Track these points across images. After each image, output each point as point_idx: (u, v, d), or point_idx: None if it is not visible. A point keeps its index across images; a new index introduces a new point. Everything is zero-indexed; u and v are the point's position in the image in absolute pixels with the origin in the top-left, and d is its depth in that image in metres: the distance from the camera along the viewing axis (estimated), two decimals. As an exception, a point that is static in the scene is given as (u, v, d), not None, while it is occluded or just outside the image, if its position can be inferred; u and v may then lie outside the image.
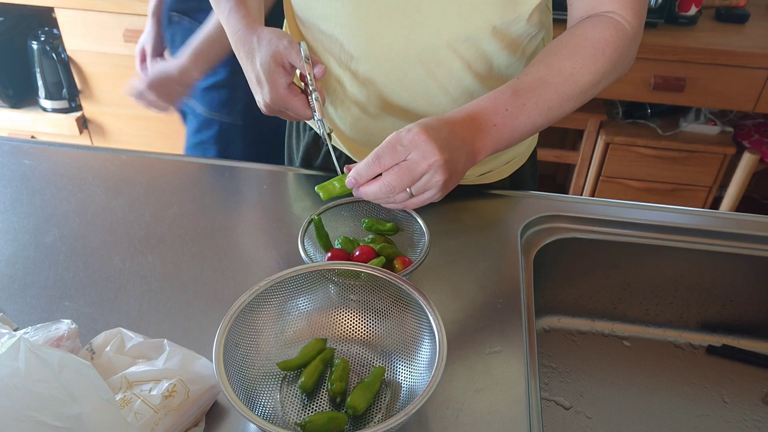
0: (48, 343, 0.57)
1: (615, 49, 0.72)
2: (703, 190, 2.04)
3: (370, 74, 0.81)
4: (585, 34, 0.72)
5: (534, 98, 0.69)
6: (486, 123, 0.67)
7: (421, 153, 0.60)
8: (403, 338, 0.63)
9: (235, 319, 0.59)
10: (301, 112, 0.77)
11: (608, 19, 0.73)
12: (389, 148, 0.61)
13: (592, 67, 0.71)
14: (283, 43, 0.74)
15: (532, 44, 0.81)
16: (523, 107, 0.68)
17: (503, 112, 0.68)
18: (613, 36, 0.72)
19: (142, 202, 0.86)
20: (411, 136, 0.61)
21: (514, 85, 0.70)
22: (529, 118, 0.69)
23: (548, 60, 0.72)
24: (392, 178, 0.61)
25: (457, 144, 0.64)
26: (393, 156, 0.61)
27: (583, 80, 0.71)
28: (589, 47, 0.71)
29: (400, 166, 0.61)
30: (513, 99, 0.68)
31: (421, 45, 0.76)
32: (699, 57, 1.78)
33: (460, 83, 0.80)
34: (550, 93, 0.70)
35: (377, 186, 0.62)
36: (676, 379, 0.87)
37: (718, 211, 0.90)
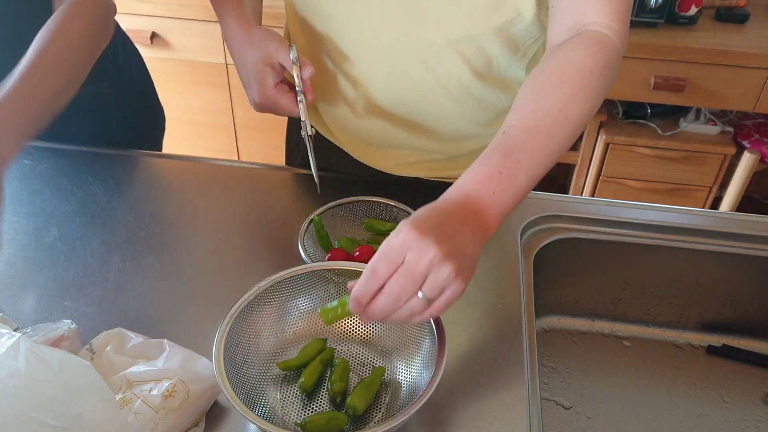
0: (48, 343, 0.57)
1: (604, 66, 0.66)
2: (703, 190, 2.04)
3: (371, 73, 0.81)
4: (569, 57, 0.66)
5: (527, 152, 0.62)
6: (484, 195, 0.60)
7: (418, 252, 0.53)
8: (403, 338, 0.63)
9: (235, 319, 0.59)
10: (289, 109, 0.79)
11: (591, 34, 0.68)
12: (382, 258, 0.54)
13: (581, 93, 0.65)
14: (272, 44, 0.76)
15: (534, 46, 0.81)
16: (518, 164, 0.61)
17: (498, 176, 0.61)
18: (599, 51, 0.66)
19: (142, 202, 0.86)
20: (401, 237, 0.53)
21: (503, 143, 0.63)
22: (528, 172, 0.62)
23: (533, 99, 0.65)
24: (395, 287, 0.53)
25: (454, 227, 0.57)
26: (388, 264, 0.53)
27: (576, 110, 0.64)
28: (574, 73, 0.65)
29: (399, 273, 0.53)
30: (505, 160, 0.61)
31: (421, 43, 0.76)
32: (699, 57, 1.78)
33: (460, 82, 0.80)
34: (542, 138, 0.63)
35: (381, 301, 0.54)
36: (676, 379, 0.87)
37: (718, 211, 0.90)
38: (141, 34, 1.98)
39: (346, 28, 0.79)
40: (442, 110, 0.83)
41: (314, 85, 0.85)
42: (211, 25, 1.94)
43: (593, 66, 0.65)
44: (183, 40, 1.99)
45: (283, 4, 0.92)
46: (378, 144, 0.89)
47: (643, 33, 1.80)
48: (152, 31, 1.98)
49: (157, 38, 2.00)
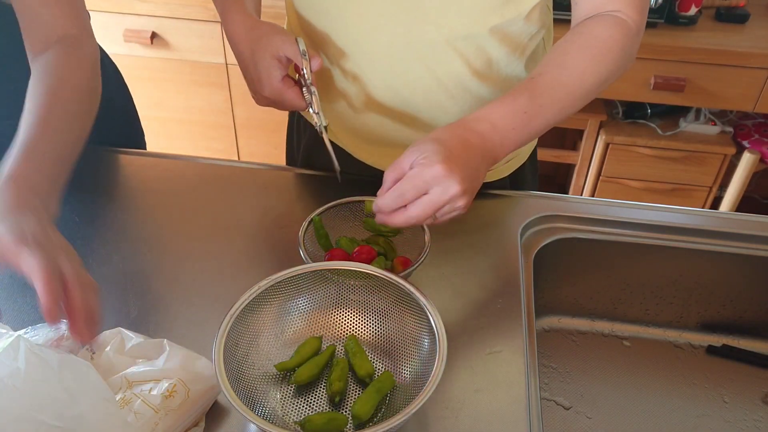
0: (48, 343, 0.57)
1: (621, 47, 0.73)
2: (703, 190, 2.04)
3: (371, 71, 0.81)
4: (593, 33, 0.73)
5: (549, 100, 0.70)
6: (505, 127, 0.68)
7: (444, 188, 0.61)
8: (403, 338, 0.63)
9: (235, 319, 0.59)
10: (296, 103, 0.78)
11: (613, 18, 0.73)
12: (412, 185, 0.62)
13: (600, 66, 0.72)
14: (279, 37, 0.76)
15: (532, 44, 0.82)
16: (540, 109, 0.69)
17: (521, 115, 0.68)
18: (619, 34, 0.73)
19: (142, 202, 0.86)
20: (433, 173, 0.61)
21: (530, 85, 0.70)
22: (544, 118, 0.70)
23: (560, 59, 0.72)
24: (416, 211, 0.62)
25: (476, 162, 0.65)
26: (416, 191, 0.62)
27: (592, 79, 0.72)
28: (596, 46, 0.72)
29: (424, 201, 0.62)
30: (530, 101, 0.69)
31: (420, 42, 0.76)
32: (699, 57, 1.78)
33: (459, 80, 0.80)
34: (564, 93, 0.71)
35: (402, 218, 0.63)
36: (676, 379, 0.87)
37: (718, 211, 0.90)
38: (141, 34, 1.98)
39: (345, 27, 0.79)
40: (441, 109, 0.83)
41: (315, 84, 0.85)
42: (211, 25, 1.94)
43: (613, 43, 0.72)
44: (183, 40, 1.99)
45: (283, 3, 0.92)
46: (378, 142, 0.89)
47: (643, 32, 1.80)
48: (152, 31, 1.98)
49: (157, 38, 2.00)
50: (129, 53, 2.04)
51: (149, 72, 2.08)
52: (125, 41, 2.00)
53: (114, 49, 2.04)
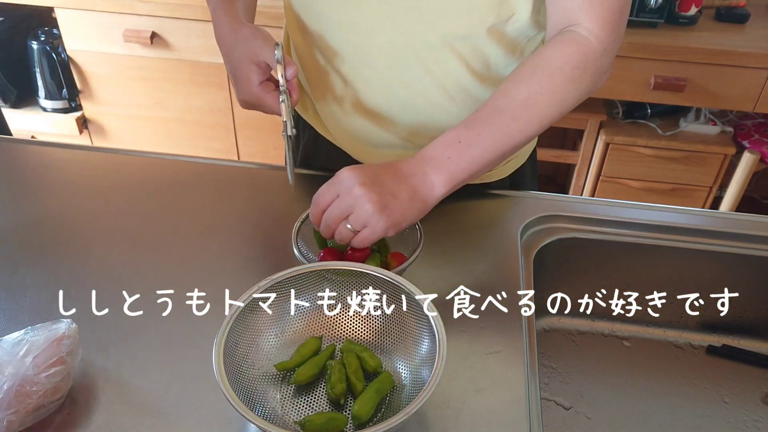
0: (48, 342, 0.57)
1: (575, 67, 0.71)
2: (703, 190, 2.04)
3: (368, 72, 0.81)
4: (543, 55, 0.72)
5: (488, 127, 0.70)
6: (438, 157, 0.69)
7: (345, 187, 0.66)
8: (403, 338, 0.63)
9: (235, 319, 0.59)
10: (274, 108, 0.78)
11: (572, 35, 0.72)
12: (325, 189, 0.67)
13: (549, 88, 0.71)
14: (257, 42, 0.76)
15: (531, 45, 0.81)
16: (478, 137, 0.70)
17: (456, 144, 0.69)
18: (574, 53, 0.71)
19: (142, 202, 0.86)
20: (341, 176, 0.66)
21: (469, 117, 0.71)
22: (485, 146, 0.70)
23: (504, 87, 0.72)
24: (328, 213, 0.67)
25: (390, 178, 0.67)
26: (327, 195, 0.67)
27: (542, 102, 0.71)
28: (546, 68, 0.71)
29: (332, 204, 0.67)
30: (466, 131, 0.70)
31: (418, 43, 0.76)
32: (699, 57, 1.78)
33: (457, 81, 0.80)
34: (506, 119, 0.71)
35: (323, 223, 0.68)
36: (676, 379, 0.87)
37: (718, 211, 0.90)
38: (141, 34, 1.98)
39: (342, 28, 0.79)
40: (440, 110, 0.83)
41: (312, 84, 0.85)
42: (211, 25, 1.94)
43: (563, 64, 0.71)
44: (183, 40, 1.99)
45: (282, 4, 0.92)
46: (376, 143, 0.89)
47: (643, 33, 1.80)
48: (152, 31, 1.98)
49: (157, 38, 2.00)
50: (129, 53, 2.04)
51: (149, 72, 2.08)
52: (125, 41, 2.00)
53: (114, 49, 2.05)
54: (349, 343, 0.64)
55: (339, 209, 0.66)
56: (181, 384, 0.62)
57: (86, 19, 1.99)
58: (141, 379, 0.63)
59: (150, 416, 0.59)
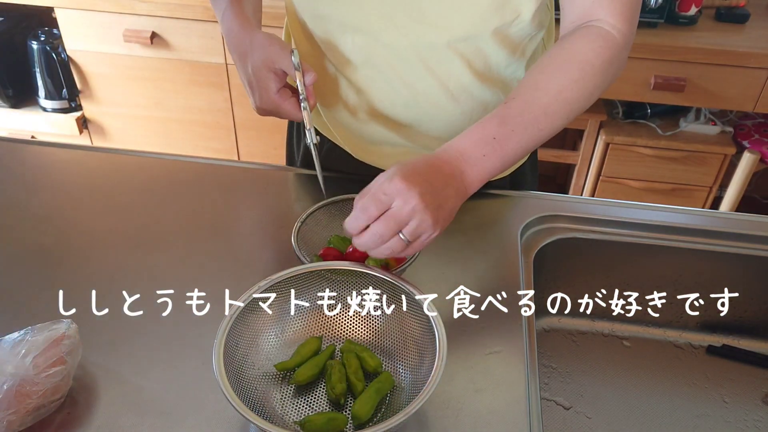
0: (48, 342, 0.57)
1: (604, 60, 0.71)
2: (703, 190, 2.04)
3: (372, 73, 0.81)
4: (573, 48, 0.71)
5: (522, 123, 0.68)
6: (474, 155, 0.67)
7: (403, 199, 0.60)
8: (403, 338, 0.63)
9: (235, 319, 0.59)
10: (292, 114, 0.78)
11: (597, 30, 0.72)
12: (374, 199, 0.61)
13: (581, 82, 0.70)
14: (274, 48, 0.75)
15: (532, 44, 0.82)
16: (512, 133, 0.68)
17: (491, 141, 0.67)
18: (602, 47, 0.71)
19: (142, 202, 0.86)
20: (393, 185, 0.61)
21: (502, 112, 0.69)
22: (519, 143, 0.69)
23: (535, 79, 0.71)
24: (380, 227, 0.61)
25: (440, 183, 0.64)
26: (378, 206, 0.61)
27: (573, 97, 0.70)
28: (577, 62, 0.70)
29: (386, 215, 0.61)
30: (500, 127, 0.68)
31: (421, 44, 0.76)
32: (699, 57, 1.78)
33: (460, 82, 0.80)
34: (538, 114, 0.69)
35: (367, 236, 0.62)
36: (676, 379, 0.87)
37: (718, 211, 0.90)
38: (141, 34, 1.98)
39: (345, 29, 0.79)
40: (443, 110, 0.83)
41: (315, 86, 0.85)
42: (211, 25, 1.94)
43: (594, 59, 0.70)
44: (183, 40, 1.99)
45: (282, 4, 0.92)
46: (378, 142, 0.89)
47: (643, 33, 1.80)
48: (152, 31, 1.98)
49: (157, 38, 2.00)
50: (129, 53, 2.04)
51: (149, 72, 2.08)
52: (125, 41, 2.00)
53: (114, 49, 2.05)
54: (349, 343, 0.64)
55: (396, 221, 0.60)
56: (181, 384, 0.62)
57: (86, 19, 1.99)
58: (141, 379, 0.63)
59: (150, 416, 0.59)
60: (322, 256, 0.71)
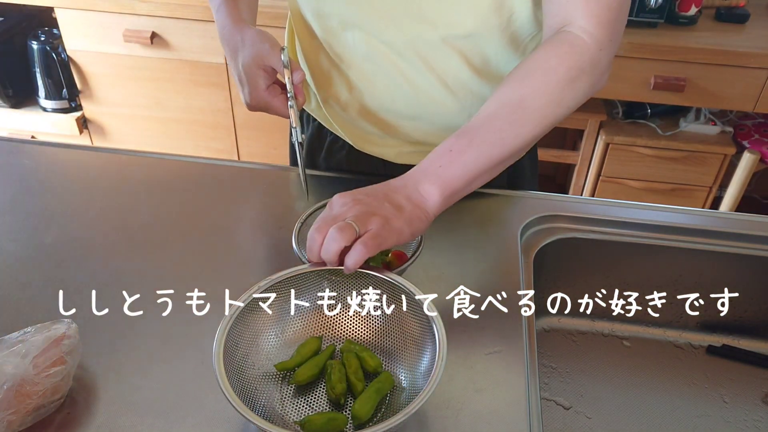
0: (48, 342, 0.57)
1: (570, 66, 0.69)
2: (703, 190, 2.04)
3: (372, 69, 0.82)
4: (536, 55, 0.71)
5: (480, 133, 0.69)
6: (430, 167, 0.67)
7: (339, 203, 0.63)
8: (403, 338, 0.63)
9: (235, 319, 0.59)
10: (281, 112, 0.79)
11: (566, 35, 0.71)
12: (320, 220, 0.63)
13: (544, 88, 0.69)
14: (265, 46, 0.76)
15: (533, 43, 0.82)
16: (470, 143, 0.68)
17: (447, 154, 0.68)
18: (567, 53, 0.70)
19: (142, 202, 0.86)
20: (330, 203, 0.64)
21: (461, 129, 0.70)
22: (479, 150, 0.68)
23: (497, 94, 0.71)
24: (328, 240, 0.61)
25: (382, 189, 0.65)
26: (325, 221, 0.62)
27: (537, 104, 0.69)
28: (537, 69, 0.70)
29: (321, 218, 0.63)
30: (457, 140, 0.68)
31: (419, 41, 0.77)
32: (699, 57, 1.78)
33: (458, 78, 0.80)
34: (500, 124, 0.69)
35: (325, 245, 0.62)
36: (676, 379, 0.87)
37: (718, 211, 0.90)
38: (141, 34, 1.98)
39: (346, 26, 0.79)
40: (442, 105, 0.83)
41: (316, 80, 0.85)
42: (211, 25, 1.94)
43: (557, 65, 0.69)
44: (183, 40, 1.99)
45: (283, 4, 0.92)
46: (379, 135, 0.90)
47: (643, 33, 1.80)
48: (152, 31, 1.98)
49: (157, 38, 2.00)
50: (129, 53, 2.04)
51: (149, 72, 2.08)
52: (125, 41, 2.00)
53: (114, 49, 2.05)
54: (349, 343, 0.64)
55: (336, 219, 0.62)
56: (181, 384, 0.62)
57: (86, 19, 1.99)
58: (141, 378, 0.63)
59: (150, 416, 0.59)
60: None
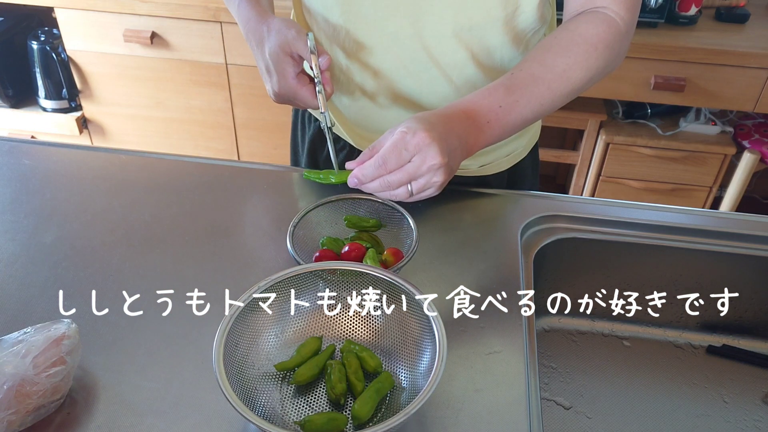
0: (48, 342, 0.57)
1: (607, 45, 0.73)
2: (703, 190, 2.04)
3: (376, 63, 0.81)
4: (578, 30, 0.73)
5: (526, 95, 0.71)
6: (480, 120, 0.69)
7: (423, 157, 0.64)
8: (403, 338, 0.63)
9: (235, 319, 0.59)
10: (309, 101, 0.78)
11: (601, 15, 0.74)
12: (395, 152, 0.64)
13: (584, 63, 0.72)
14: (291, 32, 0.76)
15: (535, 39, 0.82)
16: (516, 104, 0.70)
17: (496, 109, 0.70)
18: (606, 32, 0.73)
19: (142, 202, 0.86)
20: (416, 140, 0.63)
21: (507, 81, 0.71)
22: (520, 114, 0.71)
23: (541, 56, 0.73)
24: (394, 178, 0.65)
25: (454, 142, 0.66)
26: (398, 160, 0.64)
27: (576, 77, 0.72)
28: (582, 44, 0.72)
29: (403, 169, 0.65)
30: (506, 96, 0.70)
31: (426, 34, 0.77)
32: (699, 57, 1.78)
33: (463, 73, 0.80)
34: (542, 89, 0.71)
35: (377, 184, 0.66)
36: (676, 379, 0.87)
37: (718, 211, 0.90)
38: (141, 34, 1.98)
39: (351, 18, 0.79)
40: (445, 100, 0.83)
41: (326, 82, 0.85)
42: (211, 25, 1.94)
43: (599, 41, 0.73)
44: (183, 40, 1.99)
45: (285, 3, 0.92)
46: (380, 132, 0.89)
47: (643, 33, 1.80)
48: (152, 31, 1.98)
49: (157, 38, 2.00)
50: (129, 53, 2.04)
51: (149, 72, 2.08)
52: (125, 41, 2.00)
53: (114, 49, 2.05)
54: (349, 343, 0.64)
55: (411, 175, 0.65)
56: (180, 384, 0.62)
57: (86, 19, 1.99)
58: (141, 378, 0.63)
59: (150, 416, 0.59)
60: (317, 259, 0.71)
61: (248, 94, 2.08)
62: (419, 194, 0.67)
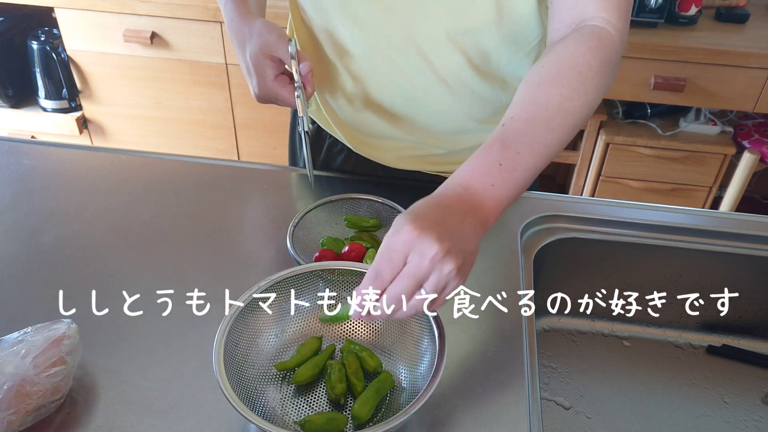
0: (48, 342, 0.57)
1: (602, 60, 0.66)
2: (703, 190, 2.04)
3: (372, 65, 0.81)
4: (567, 52, 0.66)
5: (527, 143, 0.61)
6: (482, 187, 0.59)
7: (419, 252, 0.52)
8: (403, 338, 0.63)
9: (235, 319, 0.59)
10: (289, 101, 0.78)
11: (591, 29, 0.67)
12: (385, 261, 0.53)
13: (581, 87, 0.64)
14: (272, 37, 0.76)
15: (534, 43, 0.82)
16: (518, 156, 0.60)
17: (497, 168, 0.59)
18: (598, 46, 0.66)
19: (142, 202, 0.86)
20: (403, 238, 0.52)
21: (501, 134, 0.62)
22: (526, 166, 0.61)
23: (532, 93, 0.64)
24: (397, 288, 0.53)
25: (455, 223, 0.55)
26: (392, 266, 0.53)
27: (575, 105, 0.63)
28: (574, 67, 0.65)
29: (402, 275, 0.53)
30: (504, 152, 0.60)
31: (421, 37, 0.77)
32: (699, 57, 1.78)
33: (458, 75, 0.80)
34: (542, 131, 0.62)
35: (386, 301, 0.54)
36: (676, 379, 0.87)
37: (718, 211, 0.90)
38: (141, 34, 1.98)
39: (346, 21, 0.79)
40: (441, 104, 0.83)
41: (315, 78, 0.85)
42: (211, 25, 1.94)
43: (592, 61, 0.65)
44: (183, 40, 1.99)
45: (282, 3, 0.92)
46: (377, 136, 0.89)
47: (643, 33, 1.80)
48: (152, 31, 1.98)
49: (157, 38, 2.00)
50: (129, 53, 2.04)
51: (149, 72, 2.08)
52: (125, 41, 2.00)
53: (114, 49, 2.05)
54: (349, 343, 0.64)
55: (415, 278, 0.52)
56: (180, 383, 0.62)
57: (86, 19, 1.99)
58: (141, 378, 0.63)
59: (150, 416, 0.59)
60: (317, 259, 0.71)
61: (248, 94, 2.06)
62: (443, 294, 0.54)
